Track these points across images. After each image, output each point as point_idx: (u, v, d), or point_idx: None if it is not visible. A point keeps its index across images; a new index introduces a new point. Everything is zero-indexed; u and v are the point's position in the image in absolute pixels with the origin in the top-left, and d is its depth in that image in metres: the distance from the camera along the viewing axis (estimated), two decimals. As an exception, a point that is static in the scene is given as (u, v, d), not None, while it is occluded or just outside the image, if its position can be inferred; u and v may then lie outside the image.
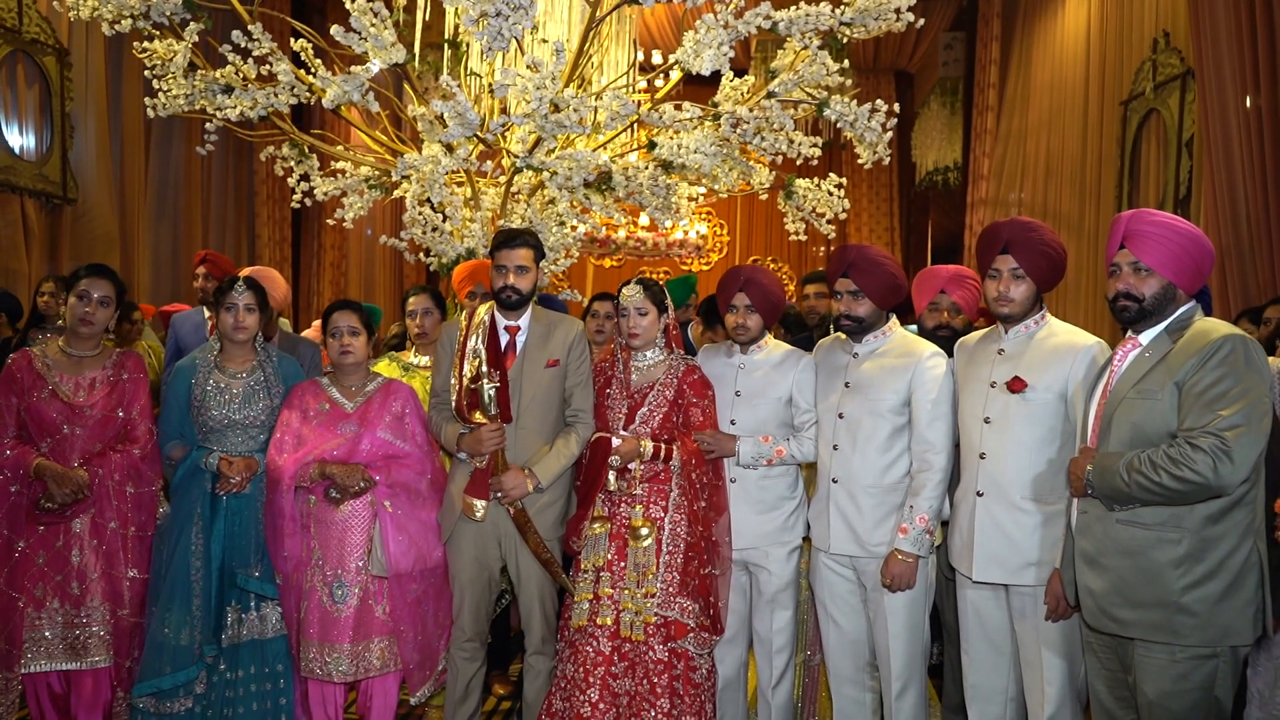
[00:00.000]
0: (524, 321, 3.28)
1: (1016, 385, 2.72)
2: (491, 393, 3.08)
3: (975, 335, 3.03)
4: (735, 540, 3.22)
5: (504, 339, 3.26)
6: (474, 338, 3.19)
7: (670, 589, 3.09)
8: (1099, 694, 2.50)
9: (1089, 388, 2.55)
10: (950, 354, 3.07)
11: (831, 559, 3.13)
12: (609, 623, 3.10)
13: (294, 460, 3.09)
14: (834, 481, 3.08)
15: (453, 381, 3.20)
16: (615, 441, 3.17)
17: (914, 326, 3.59)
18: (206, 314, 4.49)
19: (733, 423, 3.27)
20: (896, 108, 4.45)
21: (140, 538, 3.22)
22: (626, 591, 3.11)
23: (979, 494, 2.78)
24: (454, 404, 3.18)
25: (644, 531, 3.14)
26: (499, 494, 3.11)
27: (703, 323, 4.59)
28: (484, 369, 3.12)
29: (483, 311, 3.27)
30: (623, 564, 3.15)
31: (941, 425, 2.93)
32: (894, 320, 3.17)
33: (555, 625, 3.31)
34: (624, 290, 3.26)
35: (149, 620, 3.14)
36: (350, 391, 3.27)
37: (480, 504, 3.14)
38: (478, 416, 3.12)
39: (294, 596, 3.17)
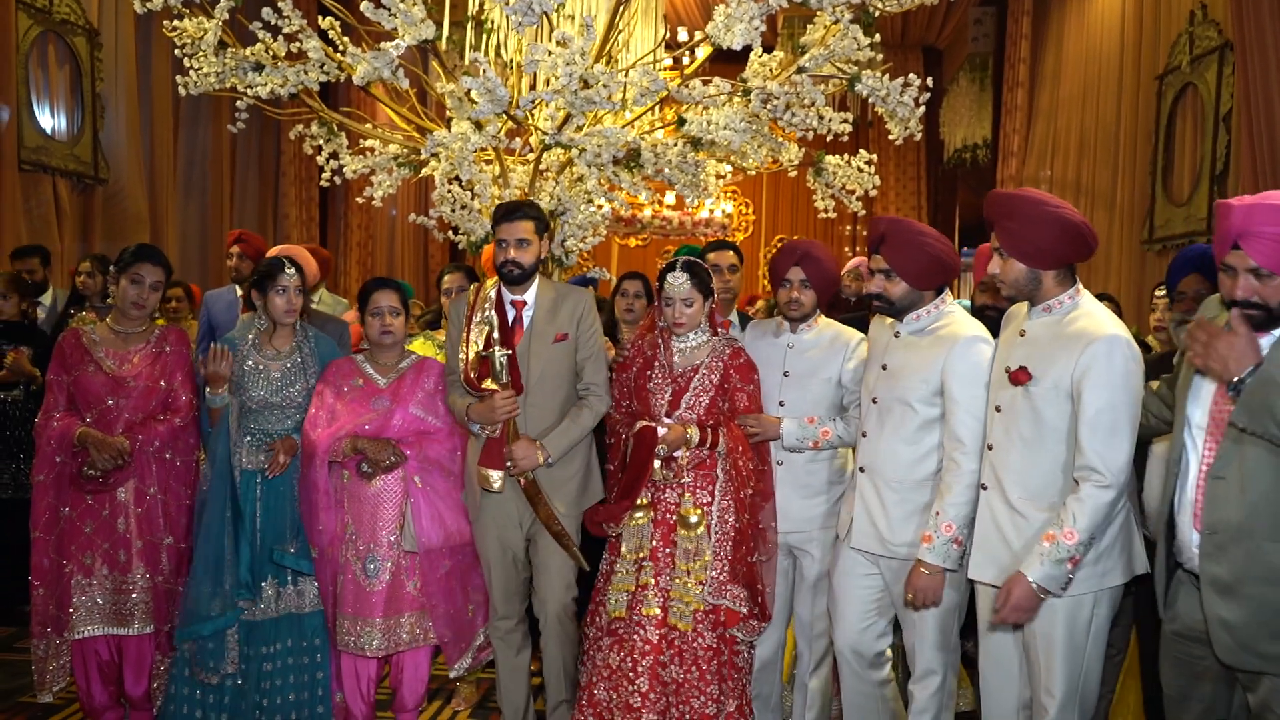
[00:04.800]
0: (530, 296, 3.20)
1: (1020, 377, 2.48)
2: (503, 360, 3.02)
3: (1022, 307, 2.71)
4: (780, 524, 3.13)
5: (510, 314, 3.19)
6: (481, 311, 3.16)
7: (721, 577, 3.00)
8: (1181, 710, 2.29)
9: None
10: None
11: (855, 552, 2.91)
12: (656, 612, 3.02)
13: (327, 435, 3.14)
14: (860, 470, 2.89)
15: (460, 354, 3.15)
16: (661, 430, 3.07)
17: None
18: (239, 292, 4.53)
19: (781, 404, 3.14)
20: (930, 82, 4.40)
21: (179, 505, 3.29)
22: (676, 580, 3.03)
23: (983, 486, 2.59)
24: (462, 375, 3.13)
25: (694, 519, 3.05)
26: (509, 463, 3.06)
27: None
28: (495, 336, 3.07)
29: (489, 285, 3.23)
30: (669, 551, 3.06)
31: (973, 422, 2.63)
32: (946, 295, 2.85)
33: (573, 614, 3.26)
34: (669, 278, 3.10)
35: (187, 587, 3.18)
36: (384, 368, 3.29)
37: (496, 474, 3.08)
38: (489, 384, 3.05)
39: (329, 571, 3.21)
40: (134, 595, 3.19)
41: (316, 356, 3.35)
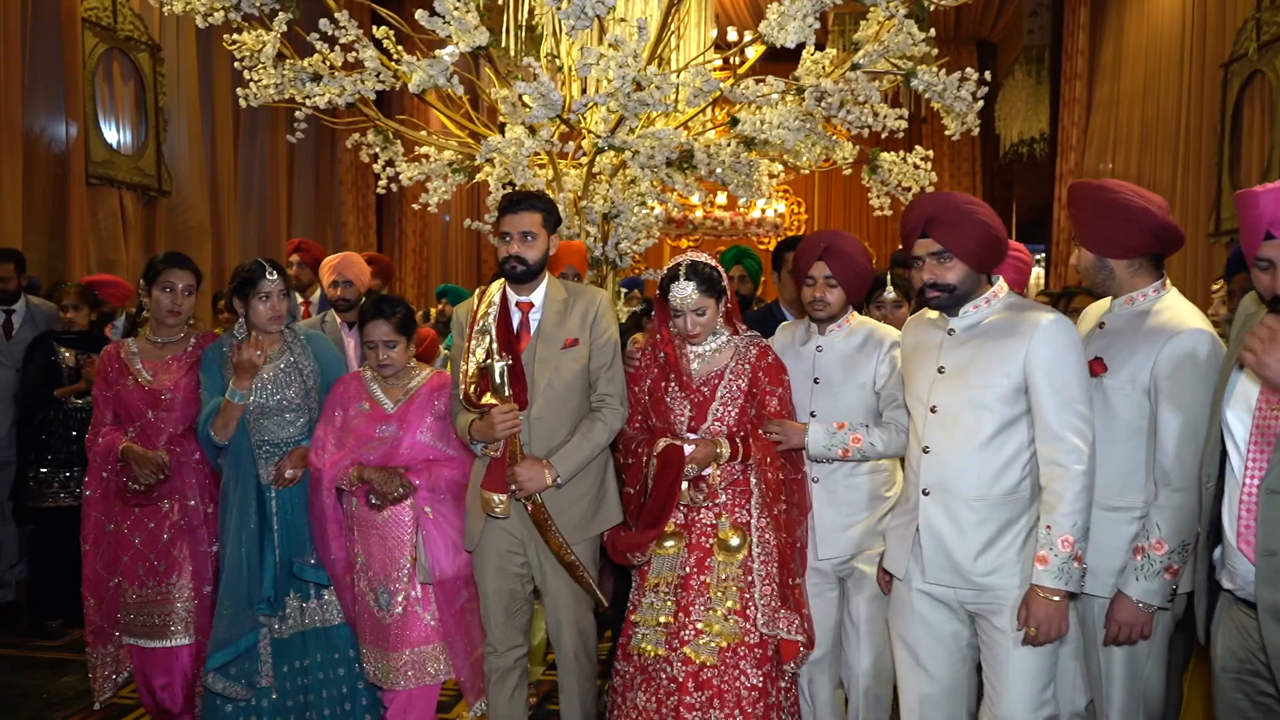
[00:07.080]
0: (537, 297, 2.89)
1: (1095, 368, 2.33)
2: (503, 370, 2.73)
3: (1101, 303, 2.54)
4: (822, 550, 2.82)
5: (516, 318, 2.89)
6: (484, 317, 2.88)
7: (772, 604, 2.67)
8: None
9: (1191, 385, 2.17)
10: None
11: (925, 595, 2.46)
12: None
13: (331, 463, 3.00)
14: (924, 494, 2.43)
15: (463, 366, 2.86)
16: (688, 449, 2.75)
17: None
18: (299, 300, 4.61)
19: (813, 414, 2.82)
20: (988, 76, 4.33)
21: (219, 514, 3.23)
22: (711, 612, 2.70)
23: None
24: (462, 391, 2.84)
25: (735, 542, 2.73)
26: (513, 486, 2.76)
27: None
28: (494, 347, 2.80)
29: (495, 288, 2.94)
30: (704, 580, 2.73)
31: (1073, 417, 2.24)
32: (1000, 283, 2.45)
33: (592, 647, 2.98)
34: (673, 290, 2.77)
35: (215, 613, 3.10)
36: (393, 390, 3.10)
37: (499, 498, 2.79)
38: (489, 399, 2.75)
39: (347, 596, 3.10)
40: (178, 606, 3.17)
41: (310, 355, 3.20)
